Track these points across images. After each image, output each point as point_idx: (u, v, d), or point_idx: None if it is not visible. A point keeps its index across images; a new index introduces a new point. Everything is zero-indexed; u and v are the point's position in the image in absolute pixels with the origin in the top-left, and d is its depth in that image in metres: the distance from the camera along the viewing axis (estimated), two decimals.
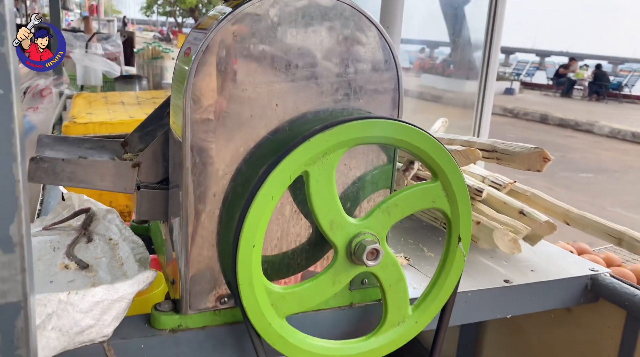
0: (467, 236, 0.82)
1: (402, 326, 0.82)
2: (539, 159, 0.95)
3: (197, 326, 0.75)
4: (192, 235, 0.72)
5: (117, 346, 0.71)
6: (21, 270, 0.44)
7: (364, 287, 0.85)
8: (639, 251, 0.90)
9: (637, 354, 0.98)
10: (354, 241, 0.74)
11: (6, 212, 0.43)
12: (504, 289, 0.96)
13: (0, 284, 0.44)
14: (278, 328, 0.73)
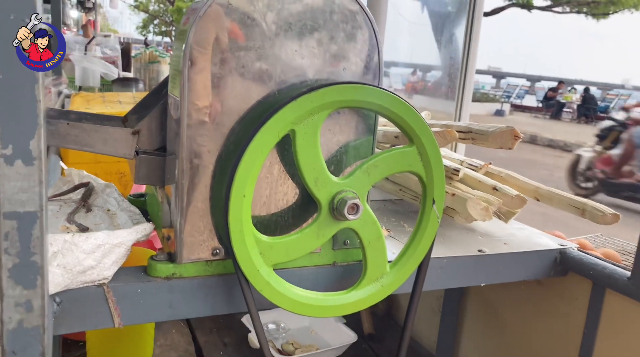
0: (441, 199, 0.89)
1: (380, 281, 0.88)
2: (510, 137, 1.03)
3: (190, 275, 0.81)
4: (188, 188, 0.78)
5: (116, 288, 0.76)
6: (39, 182, 0.51)
7: (346, 247, 0.91)
8: (600, 220, 0.97)
9: (602, 322, 1.04)
10: (337, 197, 0.81)
11: (28, 130, 0.50)
12: (478, 257, 1.03)
13: (21, 194, 0.51)
14: (265, 275, 0.79)
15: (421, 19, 2.12)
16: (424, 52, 2.06)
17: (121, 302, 0.77)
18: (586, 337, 1.07)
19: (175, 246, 0.81)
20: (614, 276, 1.00)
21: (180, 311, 0.81)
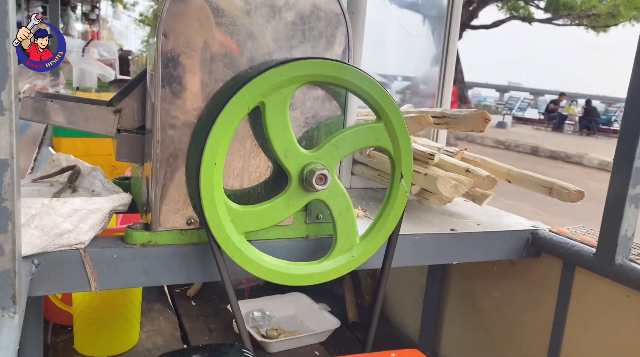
0: (409, 173, 0.92)
1: (351, 252, 0.91)
2: (481, 120, 1.06)
3: (165, 242, 0.84)
4: (162, 158, 0.82)
5: (92, 253, 0.80)
6: (9, 131, 0.55)
7: (319, 221, 0.95)
8: (566, 197, 1.00)
9: (573, 299, 1.07)
10: (306, 168, 0.84)
11: None
12: (450, 235, 1.06)
13: None
14: (237, 242, 0.83)
15: (423, 31, 2.14)
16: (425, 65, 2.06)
17: (98, 267, 0.80)
18: (557, 316, 1.09)
19: (152, 215, 0.84)
20: (581, 253, 1.02)
21: (156, 278, 0.84)
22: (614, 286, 0.98)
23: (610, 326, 0.99)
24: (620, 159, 0.93)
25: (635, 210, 0.94)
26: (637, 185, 0.93)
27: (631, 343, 0.96)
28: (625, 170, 0.92)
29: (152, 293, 1.69)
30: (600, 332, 1.01)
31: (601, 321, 1.01)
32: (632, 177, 0.92)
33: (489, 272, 1.28)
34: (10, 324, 0.56)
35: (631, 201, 0.93)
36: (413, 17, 1.78)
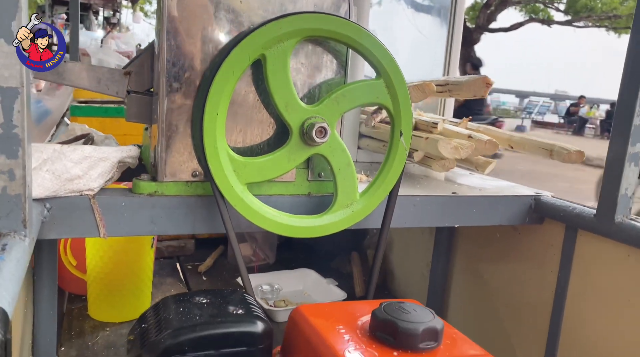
0: (408, 131, 0.94)
1: (351, 207, 0.93)
2: (482, 85, 1.08)
3: (171, 193, 0.88)
4: (168, 109, 0.85)
5: (101, 200, 0.83)
6: (19, 61, 0.58)
7: (320, 179, 0.97)
8: (566, 158, 1.01)
9: (575, 263, 1.07)
10: (306, 122, 0.87)
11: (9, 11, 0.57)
12: (451, 198, 1.07)
13: (4, 71, 0.58)
14: (239, 192, 0.85)
15: (440, 34, 2.14)
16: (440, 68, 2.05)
17: (106, 214, 0.84)
18: (560, 281, 1.10)
19: (158, 167, 0.88)
20: (582, 215, 1.03)
21: (162, 227, 0.88)
22: (615, 245, 0.98)
23: (612, 287, 1.00)
24: (619, 117, 0.94)
25: (635, 168, 0.95)
26: (636, 143, 0.93)
27: (633, 303, 0.96)
28: (625, 129, 0.93)
29: (165, 269, 1.73)
30: (602, 293, 1.02)
31: (603, 282, 1.02)
32: (631, 135, 0.92)
33: (493, 243, 1.29)
34: (21, 245, 0.60)
35: (631, 160, 0.94)
36: (424, 18, 1.80)
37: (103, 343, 1.23)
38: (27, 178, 0.62)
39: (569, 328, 1.08)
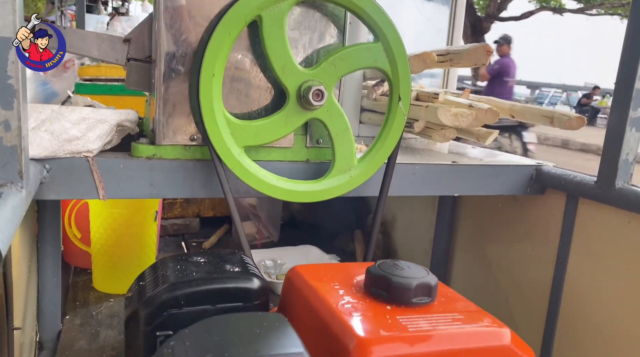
0: (407, 96, 0.94)
1: (349, 173, 0.93)
2: (483, 53, 1.07)
3: (169, 156, 0.88)
4: (166, 74, 0.86)
5: (100, 162, 0.84)
6: (12, 11, 0.59)
7: (319, 146, 0.97)
8: (566, 125, 1.00)
9: (576, 232, 1.07)
10: (303, 86, 0.87)
11: None
12: (451, 167, 1.07)
13: None
14: (237, 155, 0.86)
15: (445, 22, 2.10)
16: None
17: (105, 176, 0.85)
18: (561, 250, 1.09)
19: (156, 131, 0.88)
20: (584, 182, 1.02)
21: (161, 190, 0.88)
22: (616, 212, 0.98)
23: (612, 254, 0.99)
24: (621, 81, 0.92)
25: (636, 133, 0.94)
26: (638, 108, 0.92)
27: (633, 269, 0.95)
28: (626, 93, 0.92)
29: (170, 246, 1.75)
30: (603, 261, 1.01)
31: (603, 250, 1.01)
32: (632, 99, 0.91)
33: (495, 215, 1.29)
34: (17, 195, 0.61)
35: (632, 124, 0.93)
36: (430, 6, 1.78)
37: (107, 313, 1.25)
38: (23, 130, 0.62)
39: (569, 296, 1.08)
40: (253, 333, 0.57)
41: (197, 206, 1.94)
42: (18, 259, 0.85)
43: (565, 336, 1.08)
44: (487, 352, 0.63)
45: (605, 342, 0.99)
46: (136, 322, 0.71)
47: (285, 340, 0.56)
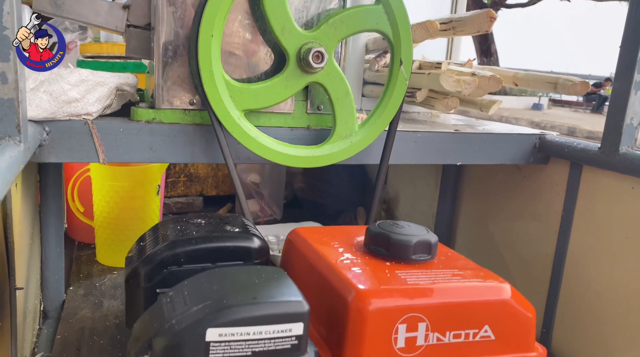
0: (408, 60, 0.93)
1: (350, 138, 0.93)
2: (486, 19, 1.05)
3: (169, 120, 0.88)
4: (166, 34, 0.85)
5: (100, 125, 0.84)
6: None
7: (320, 112, 0.97)
8: (571, 90, 0.99)
9: (579, 201, 1.06)
10: (303, 48, 0.86)
11: None
12: (453, 135, 1.06)
13: None
14: (236, 118, 0.85)
15: None
16: None
17: (105, 139, 0.85)
18: (564, 220, 1.09)
19: (156, 95, 0.88)
20: (587, 149, 1.01)
21: (161, 155, 0.88)
22: (620, 178, 0.97)
23: (616, 222, 0.98)
24: (626, 43, 0.91)
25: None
26: None
27: (635, 237, 0.94)
28: (631, 55, 0.90)
29: None
30: (606, 228, 1.00)
31: (607, 217, 1.00)
32: (638, 62, 0.90)
33: (499, 187, 1.28)
34: (15, 148, 0.60)
35: (637, 88, 0.92)
36: None
37: (110, 284, 1.26)
38: (20, 83, 0.62)
39: (572, 265, 1.07)
40: (252, 283, 0.57)
41: (200, 185, 1.94)
42: (20, 220, 0.85)
43: (567, 304, 1.08)
44: (486, 306, 0.62)
45: (608, 309, 0.99)
46: (136, 279, 0.71)
47: (283, 289, 0.56)
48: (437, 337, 0.60)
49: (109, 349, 0.98)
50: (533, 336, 0.65)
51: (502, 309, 0.63)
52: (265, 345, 0.53)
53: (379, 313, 0.58)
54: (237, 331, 0.52)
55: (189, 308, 0.53)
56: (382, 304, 0.59)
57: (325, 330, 0.64)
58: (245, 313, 0.52)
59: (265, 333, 0.53)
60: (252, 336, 0.52)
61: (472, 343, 0.61)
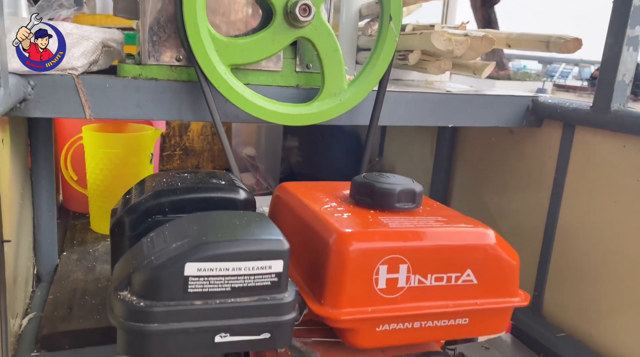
0: (398, 16, 0.92)
1: (339, 96, 0.92)
2: None
3: (155, 76, 0.87)
4: None
5: (85, 80, 0.83)
6: None
7: (308, 71, 0.96)
8: (563, 48, 0.98)
9: (572, 162, 1.05)
10: (290, 1, 0.85)
11: None
12: (445, 96, 1.05)
13: None
14: (222, 73, 0.85)
15: None
16: None
17: (91, 95, 0.84)
18: (556, 182, 1.08)
19: (142, 51, 0.87)
20: (580, 108, 1.00)
21: (148, 112, 0.88)
22: (612, 137, 0.96)
23: (607, 181, 0.98)
24: None
25: (634, 53, 0.91)
26: (636, 25, 0.90)
27: (628, 195, 0.94)
28: (624, 9, 0.89)
29: None
30: (598, 188, 1.00)
31: (598, 177, 1.00)
32: (630, 16, 0.89)
33: (493, 153, 1.27)
34: None
35: (629, 43, 0.91)
36: None
37: (103, 250, 1.26)
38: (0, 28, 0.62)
39: (564, 227, 1.07)
40: (233, 224, 0.57)
41: (196, 158, 1.94)
42: (8, 176, 0.86)
43: (559, 268, 1.08)
44: (469, 249, 0.62)
45: (598, 271, 0.99)
46: (121, 229, 0.71)
47: (264, 229, 0.56)
48: (419, 279, 0.60)
49: (100, 307, 0.99)
50: (516, 282, 0.65)
51: (485, 253, 0.63)
52: (245, 281, 0.53)
53: (359, 254, 0.58)
54: (216, 266, 0.52)
55: (168, 245, 0.53)
56: (363, 245, 0.59)
57: (307, 274, 0.64)
58: (225, 249, 0.52)
59: (245, 269, 0.53)
60: (231, 272, 0.52)
61: (454, 287, 0.61)
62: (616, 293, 0.95)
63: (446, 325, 0.62)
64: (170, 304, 0.51)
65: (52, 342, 0.89)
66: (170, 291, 0.51)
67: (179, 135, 1.93)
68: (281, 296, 0.54)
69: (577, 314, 1.04)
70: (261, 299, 0.54)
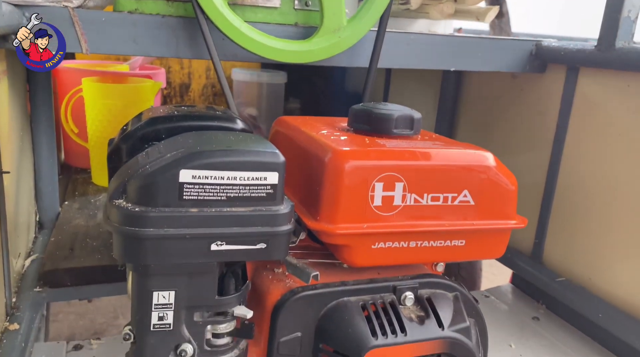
0: None
1: (338, 33, 0.91)
2: None
3: (152, 11, 0.86)
4: None
5: (82, 14, 0.82)
6: None
7: (307, 9, 0.94)
8: None
9: (575, 105, 1.04)
10: None
11: None
12: (447, 38, 1.03)
13: None
14: (219, 6, 0.83)
15: None
16: None
17: (87, 29, 0.83)
18: (559, 125, 1.07)
19: None
20: (584, 49, 0.99)
21: (145, 47, 0.87)
22: (615, 76, 0.95)
23: (611, 122, 0.97)
24: None
25: None
26: None
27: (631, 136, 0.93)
28: None
29: None
30: (601, 130, 0.99)
31: (602, 119, 0.98)
32: None
33: (496, 103, 1.26)
34: None
35: None
36: None
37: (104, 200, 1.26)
38: None
39: (565, 174, 1.06)
40: (227, 139, 0.57)
41: None
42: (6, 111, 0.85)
43: (560, 214, 1.08)
44: (466, 170, 0.62)
45: (599, 217, 0.98)
46: (118, 155, 0.71)
47: (260, 145, 0.56)
48: (415, 198, 0.60)
49: (101, 249, 0.99)
50: (514, 206, 0.65)
51: (482, 175, 0.62)
52: (240, 191, 0.53)
53: (354, 170, 0.58)
54: (210, 174, 0.52)
55: (163, 155, 0.53)
56: (359, 163, 0.58)
57: (304, 194, 0.64)
58: (220, 158, 0.52)
59: (240, 179, 0.53)
60: (226, 181, 0.52)
61: (450, 206, 0.61)
62: (617, 238, 0.95)
63: (442, 246, 0.62)
64: (166, 210, 0.51)
65: (53, 278, 0.90)
66: (165, 197, 0.51)
67: (180, 96, 1.92)
68: (277, 208, 0.54)
69: (577, 260, 1.04)
70: (257, 209, 0.53)
